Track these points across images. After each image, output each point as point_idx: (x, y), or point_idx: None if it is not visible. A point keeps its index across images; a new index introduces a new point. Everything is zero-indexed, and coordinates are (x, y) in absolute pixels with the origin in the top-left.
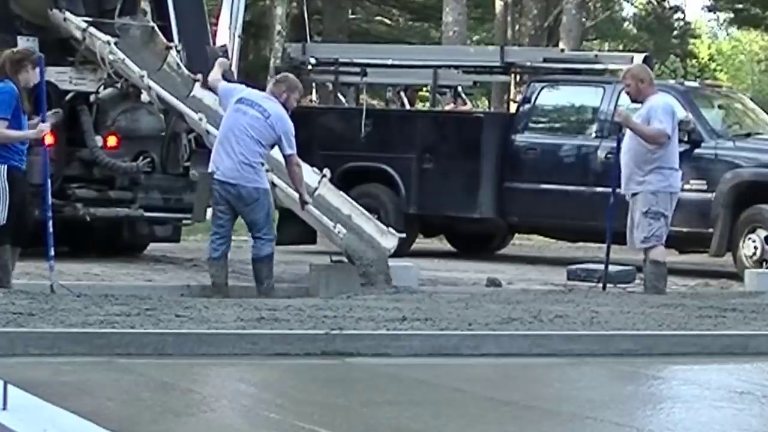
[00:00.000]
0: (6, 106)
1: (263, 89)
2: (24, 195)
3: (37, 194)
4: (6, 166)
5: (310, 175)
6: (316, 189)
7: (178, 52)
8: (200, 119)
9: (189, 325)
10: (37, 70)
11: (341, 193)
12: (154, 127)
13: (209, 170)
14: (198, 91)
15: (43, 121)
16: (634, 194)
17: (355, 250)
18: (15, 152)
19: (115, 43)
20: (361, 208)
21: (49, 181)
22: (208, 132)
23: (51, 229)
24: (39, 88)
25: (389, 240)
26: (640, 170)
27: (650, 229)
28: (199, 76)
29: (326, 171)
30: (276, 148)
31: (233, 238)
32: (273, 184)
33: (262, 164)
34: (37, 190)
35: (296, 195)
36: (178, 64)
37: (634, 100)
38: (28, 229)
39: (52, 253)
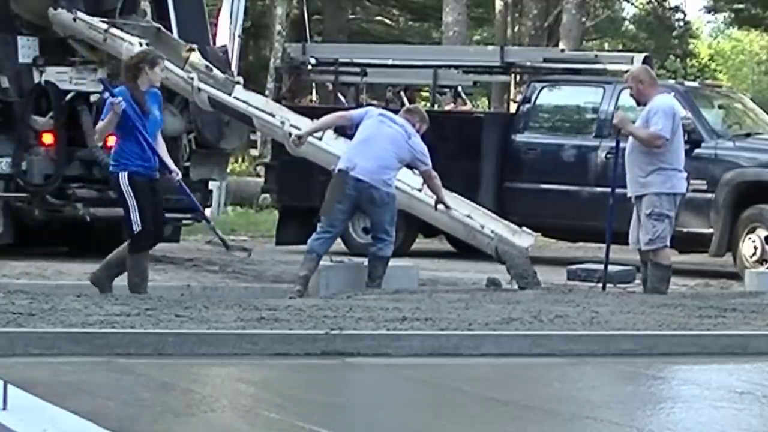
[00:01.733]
0: (106, 109)
1: (262, 91)
2: (153, 199)
3: (37, 194)
4: (127, 173)
5: (413, 176)
6: (420, 190)
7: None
8: (282, 123)
9: (189, 325)
10: (157, 69)
11: (455, 194)
12: (175, 128)
13: (343, 167)
14: (241, 93)
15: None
16: (638, 196)
17: (504, 250)
18: (133, 157)
19: (147, 44)
20: (482, 208)
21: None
22: (290, 135)
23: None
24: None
25: (524, 239)
26: (642, 172)
27: (654, 231)
28: (240, 78)
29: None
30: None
31: (233, 238)
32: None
33: (395, 175)
34: (37, 189)
35: (424, 197)
36: (207, 66)
37: (638, 102)
38: (163, 233)
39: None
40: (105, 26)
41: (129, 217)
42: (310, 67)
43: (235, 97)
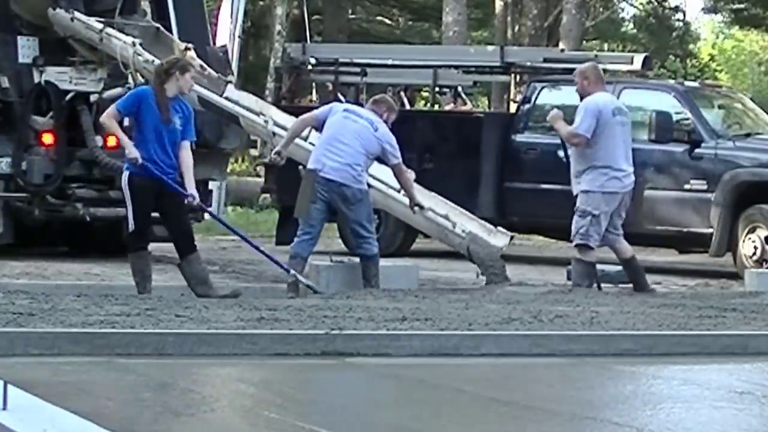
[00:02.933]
0: (126, 101)
1: (262, 91)
2: (158, 203)
3: (37, 194)
4: (128, 174)
5: (391, 177)
6: (400, 191)
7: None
8: (266, 122)
9: (189, 325)
10: (188, 75)
11: (434, 193)
12: None
13: (312, 167)
14: (233, 92)
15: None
16: (577, 195)
17: (475, 250)
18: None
19: (141, 44)
20: (458, 207)
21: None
22: (274, 134)
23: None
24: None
25: (499, 238)
26: (576, 170)
27: (576, 226)
28: (233, 77)
29: (411, 173)
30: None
31: (233, 238)
32: (369, 186)
33: (365, 170)
34: (37, 189)
35: (399, 197)
36: (201, 66)
37: (581, 98)
38: (190, 235)
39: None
40: (100, 26)
41: (127, 215)
42: (310, 67)
43: (226, 97)
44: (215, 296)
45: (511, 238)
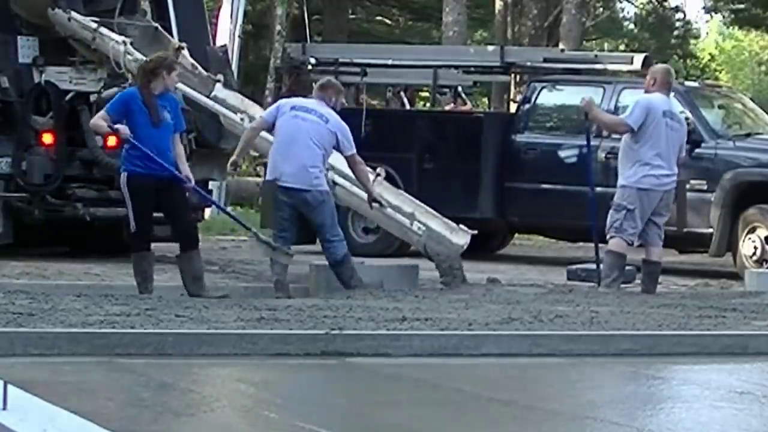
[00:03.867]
0: (114, 104)
1: (262, 91)
2: (160, 202)
3: (37, 194)
4: (127, 173)
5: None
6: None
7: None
8: (242, 120)
9: (189, 325)
10: (174, 74)
11: (401, 191)
12: None
13: (270, 177)
14: (220, 91)
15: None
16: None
17: (432, 247)
18: (135, 159)
19: (131, 44)
20: (424, 205)
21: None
22: None
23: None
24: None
25: (461, 236)
26: (621, 166)
27: (610, 220)
28: (220, 76)
29: (380, 170)
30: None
31: (233, 238)
32: (334, 183)
33: (324, 168)
34: (37, 189)
35: (361, 193)
36: (194, 65)
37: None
38: (193, 232)
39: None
40: (95, 25)
41: (128, 216)
42: (310, 67)
43: (214, 96)
44: (206, 296)
45: (472, 236)
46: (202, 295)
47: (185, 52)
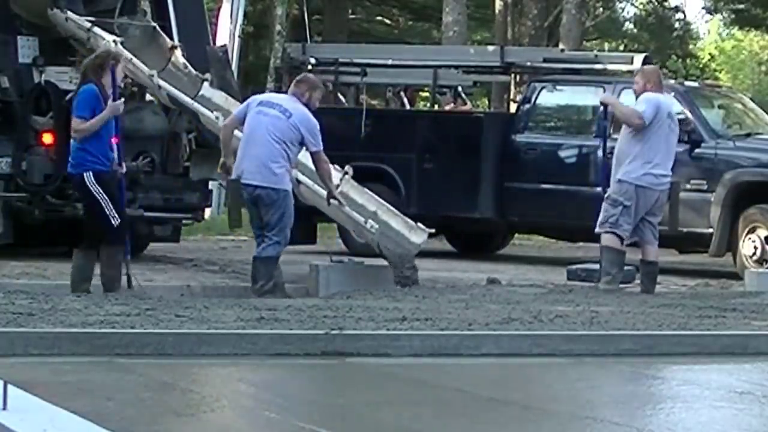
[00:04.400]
0: (85, 105)
1: (262, 91)
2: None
3: (37, 194)
4: (92, 172)
5: (332, 172)
6: (338, 186)
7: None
8: (217, 118)
9: (189, 325)
10: (120, 67)
11: (365, 189)
12: (158, 127)
13: (234, 175)
14: (207, 90)
15: (114, 99)
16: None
17: (386, 245)
18: (101, 156)
19: (121, 43)
20: (387, 204)
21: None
22: None
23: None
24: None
25: (419, 235)
26: (618, 161)
27: (605, 214)
28: (208, 75)
29: (348, 168)
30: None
31: (233, 238)
32: (298, 181)
33: (288, 165)
34: (37, 189)
35: (323, 192)
36: (185, 65)
37: (637, 98)
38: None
39: (128, 251)
40: (88, 25)
41: (104, 212)
42: (310, 67)
43: (201, 95)
44: (79, 291)
45: (430, 234)
46: (76, 290)
47: (178, 51)
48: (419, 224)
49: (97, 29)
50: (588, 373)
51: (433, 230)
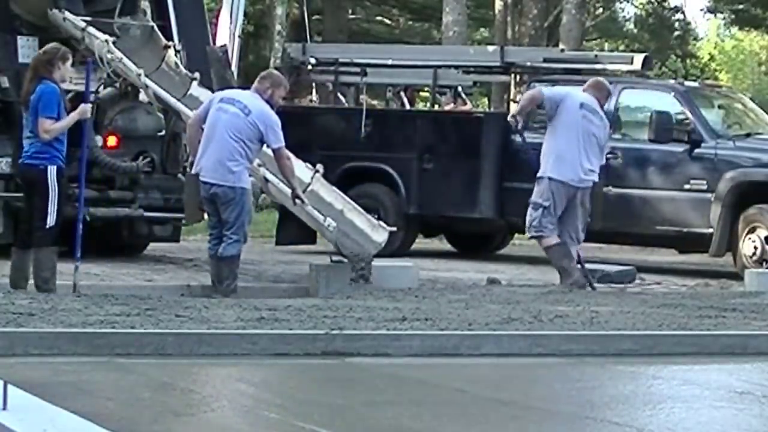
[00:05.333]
0: (53, 105)
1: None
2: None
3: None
4: (56, 167)
5: (303, 170)
6: (309, 184)
7: (177, 51)
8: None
9: (189, 325)
10: (68, 64)
11: (334, 188)
12: (151, 126)
13: (194, 172)
14: (195, 89)
15: (84, 101)
16: None
17: (344, 243)
18: (60, 152)
19: (114, 42)
20: (353, 202)
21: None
22: None
23: (80, 230)
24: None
25: (380, 234)
26: (542, 160)
27: (529, 219)
28: (197, 74)
29: (319, 166)
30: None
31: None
32: (266, 180)
33: (246, 163)
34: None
35: (288, 190)
36: (176, 64)
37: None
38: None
39: (79, 254)
40: (83, 25)
41: (47, 210)
42: (310, 67)
43: (189, 94)
44: (17, 287)
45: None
46: (19, 286)
47: (170, 51)
48: (381, 223)
49: (91, 29)
50: (588, 373)
51: (394, 228)
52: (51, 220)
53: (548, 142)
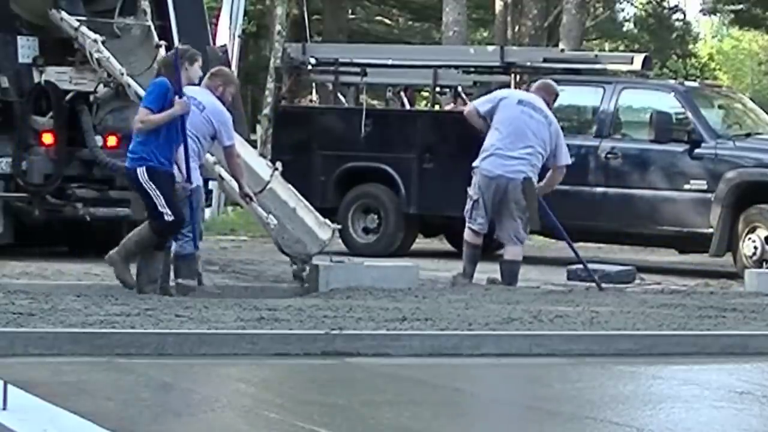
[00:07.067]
0: (154, 97)
1: (262, 90)
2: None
3: (37, 194)
4: (144, 167)
5: (263, 168)
6: (268, 182)
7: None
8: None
9: (189, 325)
10: (196, 66)
11: (290, 186)
12: None
13: None
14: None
15: (180, 96)
16: None
17: (286, 243)
18: (156, 153)
19: (103, 42)
20: (305, 201)
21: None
22: None
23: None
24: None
25: (326, 231)
26: None
27: (465, 208)
28: None
29: (278, 164)
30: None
31: (233, 238)
32: (221, 177)
33: (198, 160)
34: (37, 189)
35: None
36: None
37: None
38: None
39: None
40: (77, 24)
41: (156, 209)
42: (310, 67)
43: None
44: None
45: (334, 231)
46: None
47: (162, 50)
48: (327, 221)
49: (83, 28)
50: (588, 373)
51: (339, 226)
52: (167, 216)
53: (486, 135)
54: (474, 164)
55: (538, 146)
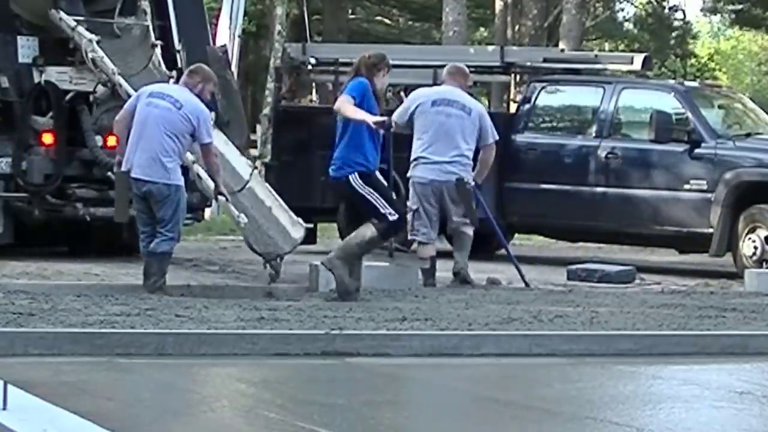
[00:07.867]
0: (357, 89)
1: (262, 90)
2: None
3: (37, 194)
4: (357, 173)
5: (244, 167)
6: (247, 182)
7: (178, 51)
8: None
9: (189, 325)
10: (386, 79)
11: (267, 185)
12: None
13: (124, 168)
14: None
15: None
16: None
17: (256, 242)
18: (364, 157)
19: (98, 42)
20: (280, 200)
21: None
22: None
23: None
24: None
25: (298, 230)
26: None
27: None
28: (174, 73)
29: (258, 163)
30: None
31: (233, 238)
32: (199, 177)
33: (178, 159)
34: (37, 189)
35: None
36: (159, 62)
37: None
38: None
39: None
40: (74, 24)
41: (377, 211)
42: (310, 67)
43: None
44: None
45: (307, 230)
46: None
47: (157, 50)
48: (299, 220)
49: (80, 28)
50: (588, 373)
51: (311, 225)
52: (391, 216)
53: (413, 145)
54: (408, 175)
55: (463, 144)
